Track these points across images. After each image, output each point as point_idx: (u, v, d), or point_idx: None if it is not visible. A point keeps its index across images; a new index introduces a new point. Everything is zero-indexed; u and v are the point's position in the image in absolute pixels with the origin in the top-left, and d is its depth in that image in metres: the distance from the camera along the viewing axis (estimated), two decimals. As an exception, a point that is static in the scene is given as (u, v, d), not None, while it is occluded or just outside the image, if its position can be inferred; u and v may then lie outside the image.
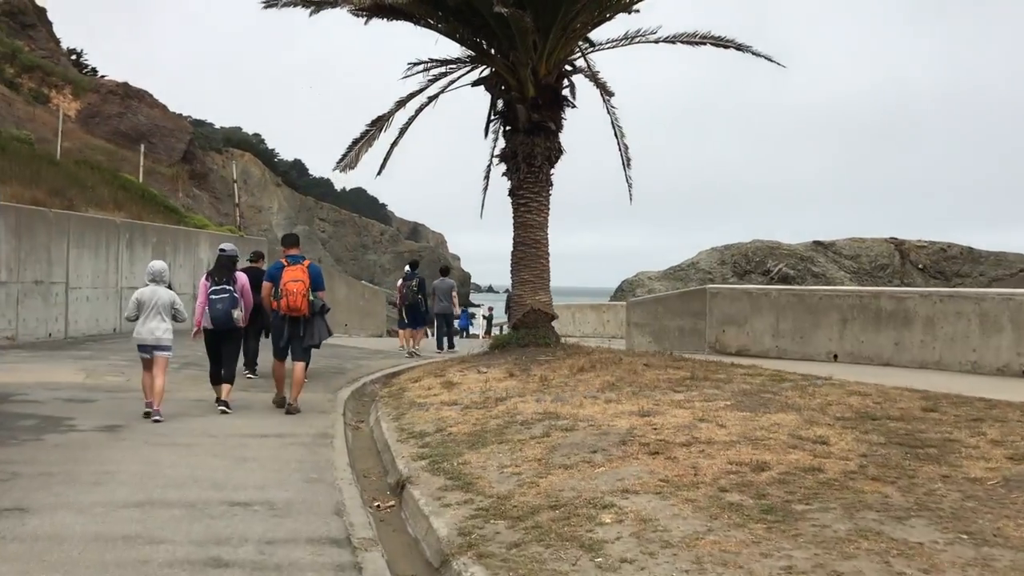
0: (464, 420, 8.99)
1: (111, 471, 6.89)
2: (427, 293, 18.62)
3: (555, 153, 13.90)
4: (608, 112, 14.91)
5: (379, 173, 15.47)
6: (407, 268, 19.14)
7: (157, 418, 9.25)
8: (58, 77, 53.21)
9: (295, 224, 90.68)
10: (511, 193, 14.07)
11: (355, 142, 14.36)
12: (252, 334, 12.48)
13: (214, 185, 60.75)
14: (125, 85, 55.43)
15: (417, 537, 5.92)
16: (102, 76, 61.95)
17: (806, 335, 15.42)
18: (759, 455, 6.76)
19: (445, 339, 19.68)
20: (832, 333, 15.10)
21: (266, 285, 10.36)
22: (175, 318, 9.65)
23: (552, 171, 14.02)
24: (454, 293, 19.60)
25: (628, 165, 15.23)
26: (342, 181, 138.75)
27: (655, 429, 7.77)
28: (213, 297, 9.90)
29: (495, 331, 31.69)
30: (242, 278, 10.37)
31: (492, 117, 14.73)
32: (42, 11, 58.67)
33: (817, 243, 29.51)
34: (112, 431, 8.62)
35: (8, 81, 44.66)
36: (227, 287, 9.94)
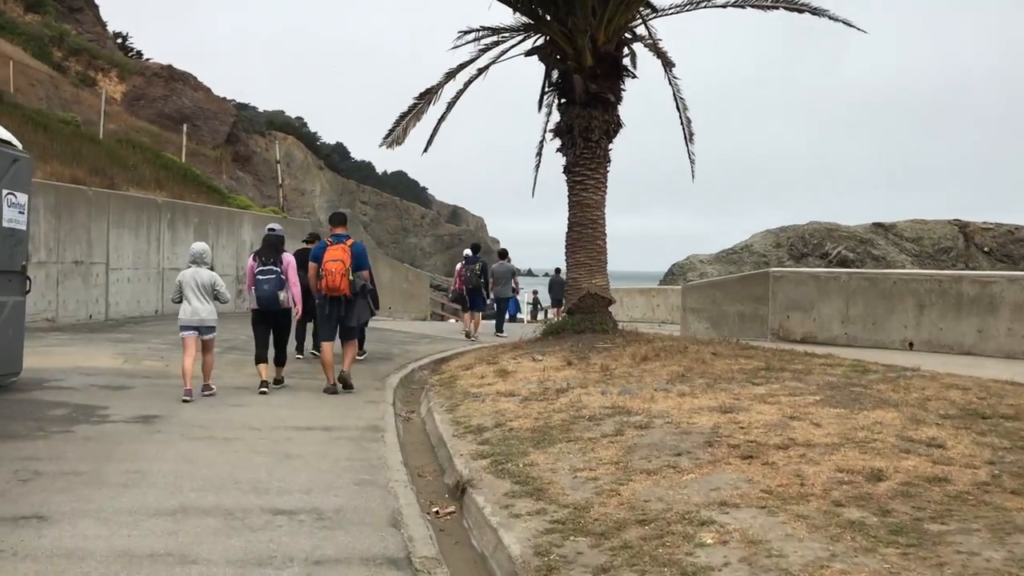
0: (524, 413, 8.21)
1: (143, 470, 6.21)
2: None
3: (613, 126, 13.02)
4: (670, 83, 13.99)
5: (426, 149, 14.75)
6: (467, 252, 18.81)
7: (208, 392, 9.39)
8: (104, 60, 53.23)
9: (337, 207, 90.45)
10: (566, 170, 13.22)
11: (402, 116, 13.60)
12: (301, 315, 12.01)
13: (257, 167, 60.62)
14: (169, 68, 55.38)
15: (484, 553, 5.15)
16: (147, 59, 61.99)
17: (878, 321, 14.43)
18: (869, 461, 5.89)
19: (499, 322, 19.24)
20: (907, 319, 14.09)
21: (311, 266, 10.02)
22: (217, 299, 9.50)
23: (610, 146, 13.14)
24: (515, 278, 19.18)
25: (691, 140, 14.30)
26: (383, 164, 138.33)
27: (742, 428, 6.92)
28: (259, 278, 9.72)
29: (540, 315, 30.88)
30: (288, 258, 10.01)
31: (546, 89, 13.86)
32: (89, -5, 58.70)
33: (877, 225, 28.17)
34: (147, 422, 7.96)
35: (56, 64, 44.63)
36: (274, 268, 9.71)
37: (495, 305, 19.31)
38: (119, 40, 65.40)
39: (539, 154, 14.91)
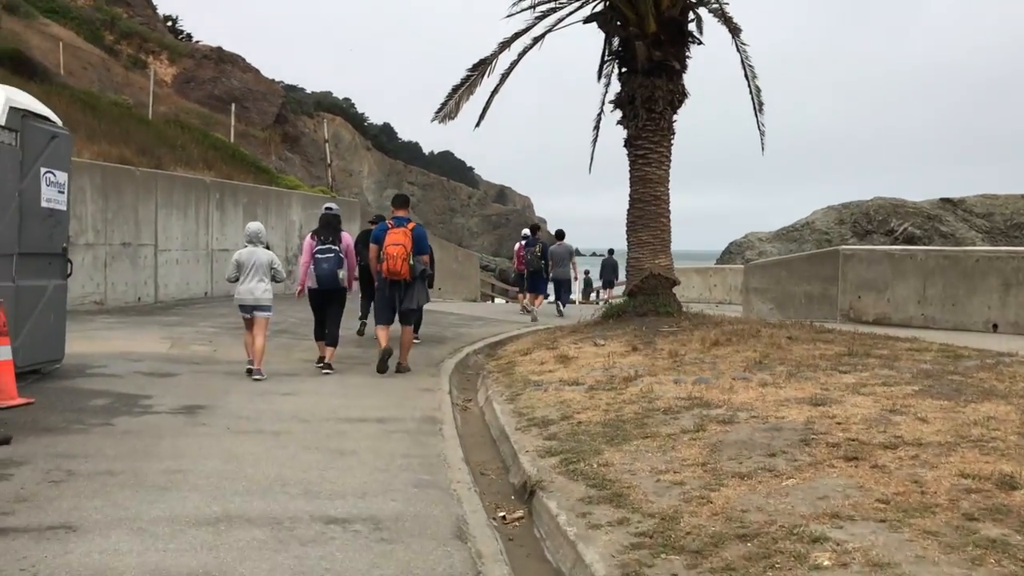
0: (592, 405, 7.57)
1: (184, 469, 5.69)
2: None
3: (678, 96, 12.23)
4: (737, 50, 13.10)
5: (478, 124, 14.04)
6: (525, 232, 18.74)
7: (257, 377, 9.18)
8: (155, 43, 53.43)
9: (384, 188, 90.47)
10: (627, 143, 12.47)
11: (455, 89, 12.93)
12: (363, 294, 12.47)
13: (306, 148, 60.61)
14: (219, 50, 55.50)
15: (561, 569, 4.55)
16: (196, 42, 62.17)
17: (959, 302, 13.51)
18: (995, 464, 5.15)
19: (559, 304, 18.78)
20: (991, 300, 13.16)
21: (372, 248, 9.96)
22: (274, 278, 9.52)
23: (675, 117, 12.38)
24: (573, 258, 18.80)
25: (760, 111, 13.41)
26: (430, 144, 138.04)
27: (839, 424, 6.21)
28: (318, 256, 9.70)
29: (592, 296, 30.17)
30: (347, 238, 10.06)
31: (606, 58, 13.11)
32: (138, -23, 58.90)
33: (945, 200, 26.80)
34: (191, 414, 7.47)
35: (108, 47, 44.76)
36: (332, 247, 9.71)
37: (554, 286, 18.98)
38: (169, 23, 65.64)
39: (596, 127, 14.18)
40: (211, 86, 50.69)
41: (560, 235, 19.09)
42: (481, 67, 12.82)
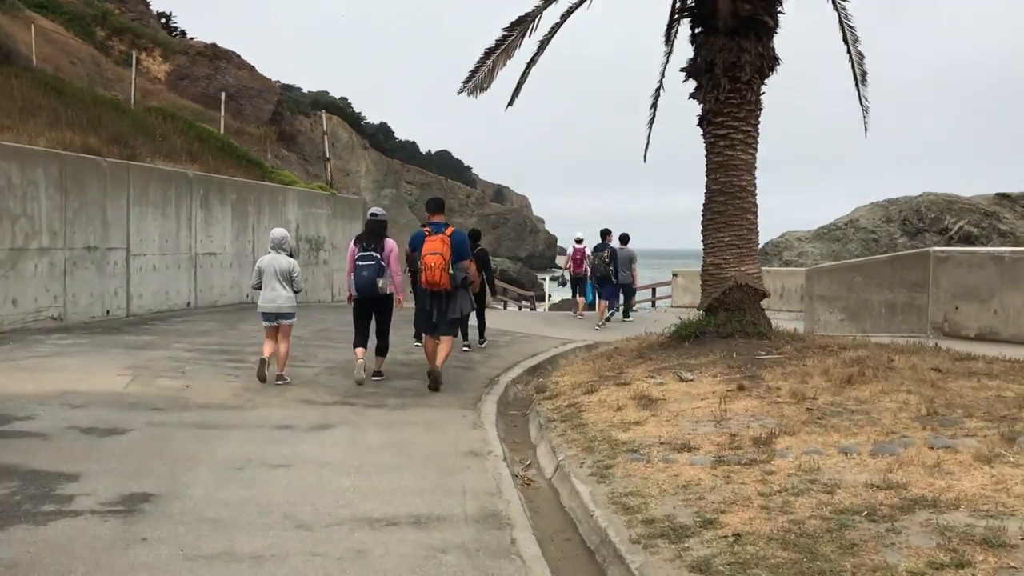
0: (737, 495, 4.92)
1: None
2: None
3: (768, 62, 9.60)
4: (835, 7, 10.47)
5: (511, 102, 11.40)
6: (579, 235, 18.16)
7: (280, 382, 8.73)
8: (148, 39, 50.85)
9: (382, 187, 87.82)
10: (704, 121, 9.83)
11: (488, 53, 10.23)
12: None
13: (303, 147, 58.00)
14: (213, 46, 52.96)
15: None
16: (191, 38, 59.61)
17: (1094, 315, 10.95)
18: None
19: (618, 309, 17.91)
20: None
21: (408, 253, 9.29)
22: (293, 287, 8.96)
23: (763, 88, 9.74)
24: (635, 264, 17.42)
25: (863, 82, 10.76)
26: (427, 143, 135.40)
27: None
28: (359, 264, 9.03)
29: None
30: (390, 244, 9.23)
31: (675, 14, 10.46)
32: (131, -27, 56.29)
33: (1001, 196, 24.15)
34: (131, 515, 4.78)
35: (99, 43, 42.18)
36: (374, 253, 9.00)
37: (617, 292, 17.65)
38: (162, 20, 63.04)
39: (654, 104, 11.49)
40: (206, 83, 48.11)
41: (624, 239, 17.46)
42: (522, 25, 10.11)
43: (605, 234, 16.84)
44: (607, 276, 16.23)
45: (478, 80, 10.36)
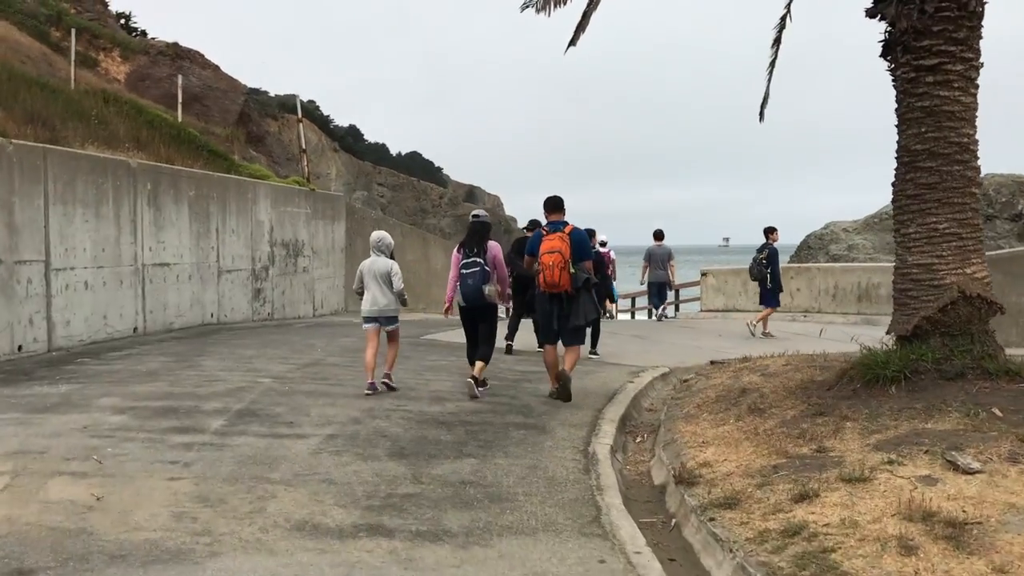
0: None
1: None
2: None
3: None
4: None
5: (572, 42, 8.29)
6: (602, 239, 16.79)
7: (380, 387, 8.04)
8: (106, 39, 46.73)
9: (354, 190, 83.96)
10: (896, 48, 6.25)
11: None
12: (514, 308, 11.21)
13: (272, 148, 54.13)
14: (175, 45, 48.83)
15: None
16: (152, 38, 55.40)
17: None
18: None
19: (658, 310, 17.21)
20: None
21: (527, 259, 8.28)
22: (394, 291, 8.23)
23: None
24: (672, 261, 16.50)
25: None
26: (397, 145, 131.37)
27: None
28: (464, 272, 8.28)
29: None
30: (494, 248, 8.42)
31: None
32: (86, -31, 52.07)
33: (1082, 173, 21.07)
34: None
35: (54, 44, 38.14)
36: (477, 259, 8.22)
37: (649, 291, 17.41)
38: (122, 20, 58.84)
39: (777, 40, 7.98)
40: (168, 84, 44.10)
41: (659, 235, 16.52)
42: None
43: (768, 232, 13.99)
44: (764, 280, 13.83)
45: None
